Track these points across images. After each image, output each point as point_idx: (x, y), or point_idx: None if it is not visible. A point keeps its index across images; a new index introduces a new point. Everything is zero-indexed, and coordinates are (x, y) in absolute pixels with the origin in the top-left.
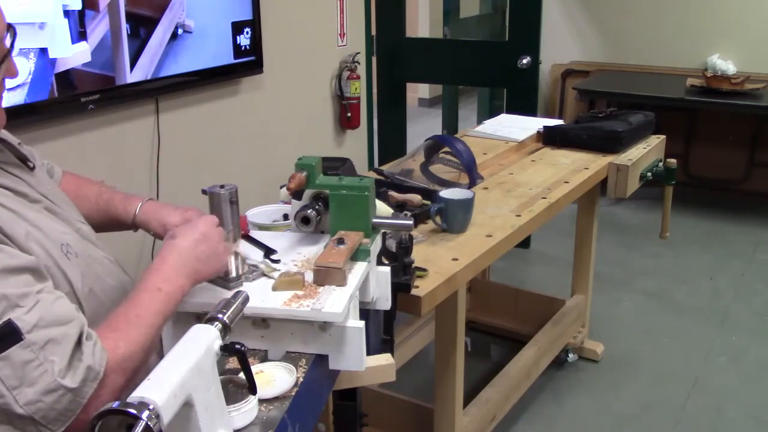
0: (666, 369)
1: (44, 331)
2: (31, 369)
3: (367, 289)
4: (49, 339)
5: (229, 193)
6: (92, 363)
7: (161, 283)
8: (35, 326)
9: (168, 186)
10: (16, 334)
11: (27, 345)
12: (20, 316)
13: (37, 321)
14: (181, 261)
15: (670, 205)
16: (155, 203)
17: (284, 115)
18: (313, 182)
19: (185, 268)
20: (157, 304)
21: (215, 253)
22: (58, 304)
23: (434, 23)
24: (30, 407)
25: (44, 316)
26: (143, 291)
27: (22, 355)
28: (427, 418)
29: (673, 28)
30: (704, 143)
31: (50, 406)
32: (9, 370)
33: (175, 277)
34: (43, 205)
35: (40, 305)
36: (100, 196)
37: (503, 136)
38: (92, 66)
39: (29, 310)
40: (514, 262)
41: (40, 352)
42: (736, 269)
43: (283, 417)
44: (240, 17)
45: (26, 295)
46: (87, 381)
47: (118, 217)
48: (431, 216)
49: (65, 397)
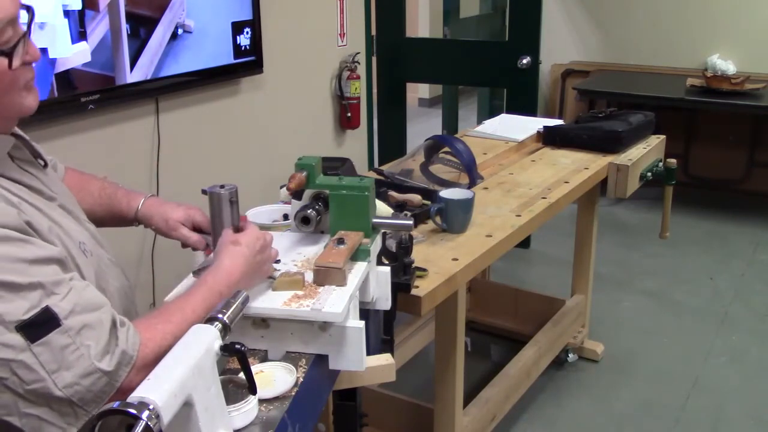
0: (666, 369)
1: (80, 316)
2: (68, 353)
3: (367, 289)
4: (84, 324)
5: (229, 193)
6: (126, 348)
7: (224, 287)
8: (71, 312)
9: (168, 186)
10: (54, 320)
11: (65, 330)
12: (57, 302)
13: (73, 307)
14: (247, 270)
15: (670, 205)
16: (158, 199)
17: (284, 115)
18: (313, 182)
19: (245, 277)
20: (214, 303)
21: (268, 266)
22: (88, 291)
23: (434, 23)
24: (68, 390)
25: (79, 302)
26: (207, 290)
27: (60, 340)
28: (427, 418)
29: (673, 28)
30: (704, 143)
31: (87, 389)
32: (48, 354)
33: (236, 283)
34: (58, 203)
35: (73, 292)
36: (103, 190)
37: (503, 136)
38: (92, 66)
39: (64, 296)
40: (514, 262)
41: (76, 337)
42: (736, 269)
43: (283, 417)
44: (240, 17)
45: (60, 283)
46: (121, 365)
47: (121, 212)
48: (431, 216)
49: (101, 380)
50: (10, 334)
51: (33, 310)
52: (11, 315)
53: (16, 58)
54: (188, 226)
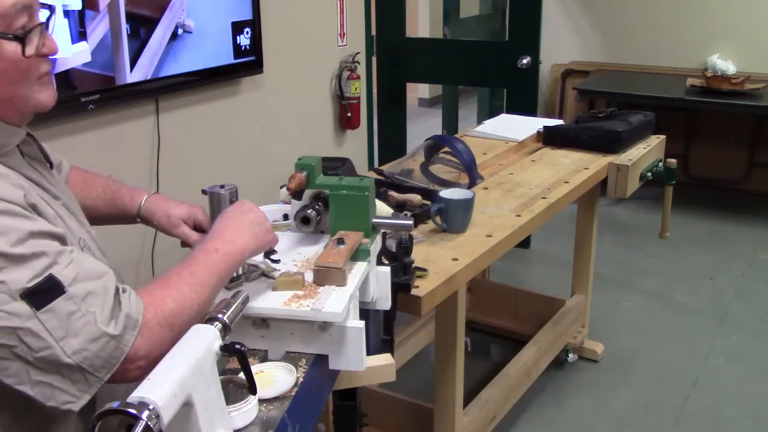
0: (666, 369)
1: (83, 284)
2: (74, 320)
3: (367, 289)
4: (88, 292)
5: (229, 193)
6: (130, 311)
7: (219, 244)
8: (75, 279)
9: (168, 186)
10: (58, 287)
11: (69, 297)
12: (60, 271)
13: (76, 275)
14: (237, 226)
15: (670, 205)
16: (161, 196)
17: (284, 115)
18: (313, 182)
19: (244, 233)
20: (213, 264)
21: (265, 224)
22: (89, 261)
23: (434, 23)
24: (77, 356)
25: (81, 271)
26: (200, 252)
27: (65, 306)
28: (427, 418)
29: (673, 28)
30: (704, 143)
31: (96, 354)
32: (55, 321)
33: (235, 238)
34: (62, 203)
35: (75, 262)
36: (107, 187)
37: (503, 136)
38: (92, 66)
39: (66, 265)
40: (514, 262)
41: (81, 303)
42: (736, 269)
43: (283, 417)
44: (240, 17)
45: (62, 252)
46: (127, 329)
47: (124, 207)
48: (431, 216)
49: (109, 344)
50: (15, 303)
51: (37, 278)
52: (16, 283)
53: (29, 45)
54: (189, 224)
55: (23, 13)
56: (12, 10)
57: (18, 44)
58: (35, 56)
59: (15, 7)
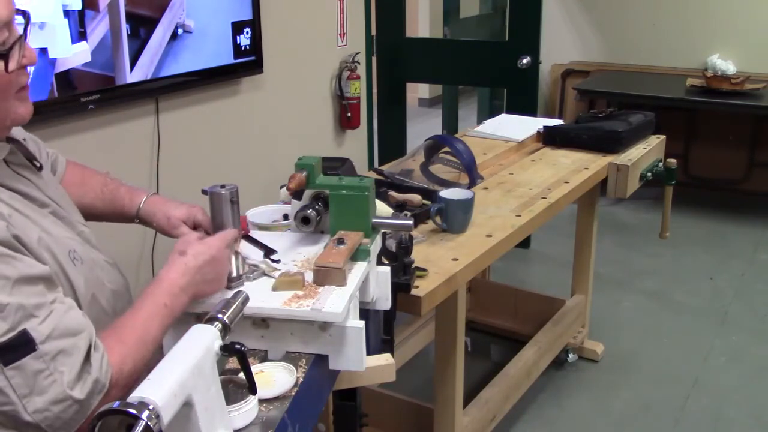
0: (666, 369)
1: (56, 342)
2: (41, 379)
3: (367, 289)
4: (60, 350)
5: (229, 193)
6: (99, 376)
7: (167, 298)
8: (48, 337)
9: (168, 186)
10: (30, 344)
11: (40, 355)
12: (35, 326)
13: (50, 332)
14: (188, 280)
15: (670, 205)
16: (161, 197)
17: (284, 115)
18: (313, 182)
19: (190, 288)
20: (162, 319)
21: (220, 277)
22: (69, 315)
23: (434, 23)
24: (38, 415)
25: (57, 327)
26: (151, 304)
27: (34, 365)
28: (427, 418)
29: (673, 28)
30: (704, 143)
31: (57, 416)
32: (21, 378)
33: (180, 294)
34: (51, 210)
35: (53, 315)
36: (105, 185)
37: (503, 136)
38: (92, 66)
39: (43, 320)
40: (514, 262)
41: (51, 362)
42: (736, 269)
43: (283, 417)
44: (240, 17)
45: (41, 306)
46: (93, 393)
47: (123, 207)
48: (431, 216)
49: (72, 407)
50: None
51: (10, 333)
52: None
53: (12, 60)
54: (189, 225)
55: (3, 29)
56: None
57: (0, 61)
58: (17, 69)
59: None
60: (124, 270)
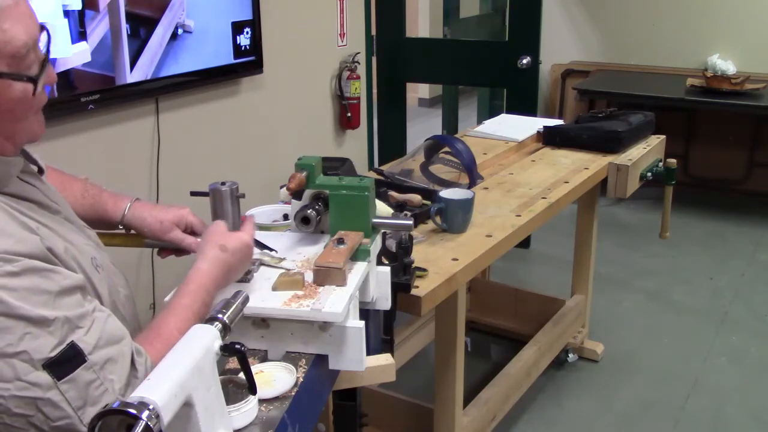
0: (666, 369)
1: (103, 351)
2: (93, 389)
3: (367, 289)
4: (108, 358)
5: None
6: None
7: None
8: (95, 346)
9: (168, 186)
10: (79, 356)
11: (89, 366)
12: (81, 337)
13: (96, 341)
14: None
15: (670, 205)
16: (146, 202)
17: (284, 115)
18: (313, 182)
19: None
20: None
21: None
22: (110, 323)
23: (434, 23)
24: None
25: (102, 335)
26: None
27: (85, 376)
28: (427, 418)
29: (673, 28)
30: (704, 143)
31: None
32: (74, 391)
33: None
34: (63, 216)
35: (96, 324)
36: (86, 191)
37: (503, 136)
38: (92, 66)
39: (88, 330)
40: (514, 262)
41: (100, 372)
42: (736, 269)
43: (283, 417)
44: (240, 17)
45: (84, 316)
46: None
47: (106, 213)
48: (431, 216)
49: None
50: (37, 372)
51: (60, 347)
52: (38, 353)
53: (39, 84)
54: (181, 227)
55: (30, 52)
56: (24, 50)
57: (29, 84)
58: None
59: (26, 47)
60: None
